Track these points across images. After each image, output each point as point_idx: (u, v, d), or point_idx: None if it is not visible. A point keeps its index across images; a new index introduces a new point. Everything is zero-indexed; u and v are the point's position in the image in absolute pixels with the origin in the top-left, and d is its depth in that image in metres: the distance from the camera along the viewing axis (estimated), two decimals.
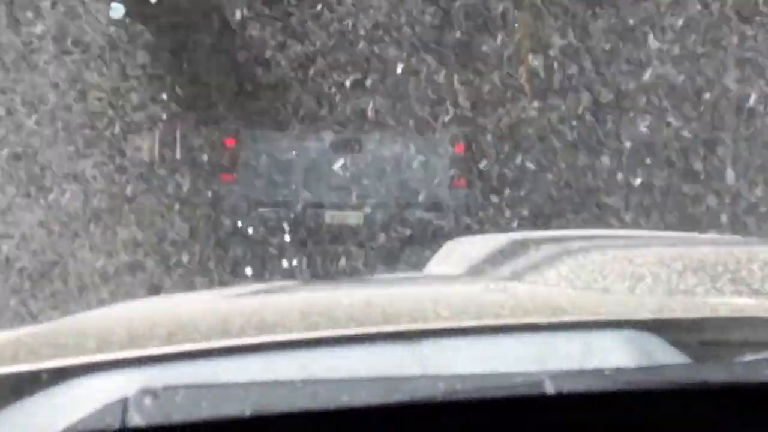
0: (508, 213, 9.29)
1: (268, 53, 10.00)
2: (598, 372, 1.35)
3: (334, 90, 9.90)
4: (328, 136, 9.68)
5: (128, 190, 9.32)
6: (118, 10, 9.23)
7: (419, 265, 8.26)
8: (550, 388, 1.23)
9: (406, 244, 9.30)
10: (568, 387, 1.26)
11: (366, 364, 1.43)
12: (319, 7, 9.79)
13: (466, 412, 1.30)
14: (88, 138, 9.16)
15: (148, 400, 1.21)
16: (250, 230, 9.47)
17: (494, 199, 9.50)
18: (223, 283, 8.59)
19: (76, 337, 1.56)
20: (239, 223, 9.51)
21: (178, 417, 1.21)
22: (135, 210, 9.32)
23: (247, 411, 1.21)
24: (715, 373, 1.34)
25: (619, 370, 1.34)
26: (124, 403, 1.20)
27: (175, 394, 1.23)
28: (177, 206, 9.41)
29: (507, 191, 9.56)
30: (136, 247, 9.03)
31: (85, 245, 8.81)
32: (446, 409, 1.27)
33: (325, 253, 9.42)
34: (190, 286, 8.33)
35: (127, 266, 8.87)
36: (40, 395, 1.35)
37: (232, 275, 9.09)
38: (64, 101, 9.02)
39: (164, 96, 9.54)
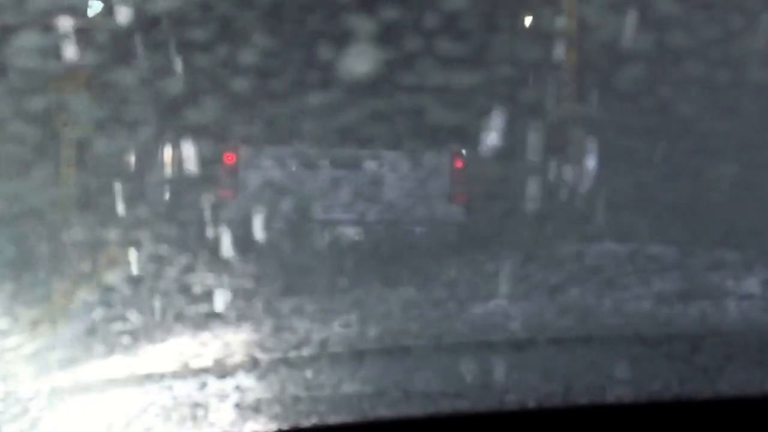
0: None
1: (268, 66, 10.01)
2: (596, 385, 1.38)
3: (333, 105, 9.91)
4: (329, 153, 9.70)
5: (120, 207, 9.32)
6: (95, 8, 9.28)
7: (422, 281, 8.21)
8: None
9: (406, 260, 9.31)
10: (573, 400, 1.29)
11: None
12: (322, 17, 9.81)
13: (473, 422, 1.33)
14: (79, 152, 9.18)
15: (158, 415, 1.24)
16: (249, 247, 9.46)
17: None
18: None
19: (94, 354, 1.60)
20: (238, 240, 9.50)
21: None
22: (129, 226, 9.31)
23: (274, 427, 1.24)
24: (701, 389, 1.36)
25: (613, 383, 1.37)
26: (141, 418, 1.23)
27: (185, 411, 1.26)
28: (174, 223, 9.39)
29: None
30: (129, 265, 9.01)
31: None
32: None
33: (324, 269, 9.41)
34: (188, 307, 8.29)
35: (125, 281, 8.85)
36: (60, 409, 1.38)
37: (230, 293, 9.06)
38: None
39: (161, 111, 9.56)
